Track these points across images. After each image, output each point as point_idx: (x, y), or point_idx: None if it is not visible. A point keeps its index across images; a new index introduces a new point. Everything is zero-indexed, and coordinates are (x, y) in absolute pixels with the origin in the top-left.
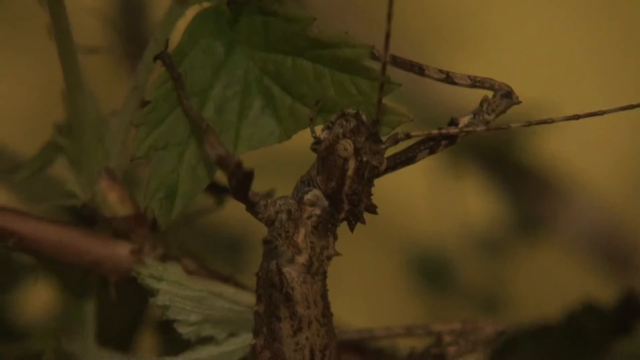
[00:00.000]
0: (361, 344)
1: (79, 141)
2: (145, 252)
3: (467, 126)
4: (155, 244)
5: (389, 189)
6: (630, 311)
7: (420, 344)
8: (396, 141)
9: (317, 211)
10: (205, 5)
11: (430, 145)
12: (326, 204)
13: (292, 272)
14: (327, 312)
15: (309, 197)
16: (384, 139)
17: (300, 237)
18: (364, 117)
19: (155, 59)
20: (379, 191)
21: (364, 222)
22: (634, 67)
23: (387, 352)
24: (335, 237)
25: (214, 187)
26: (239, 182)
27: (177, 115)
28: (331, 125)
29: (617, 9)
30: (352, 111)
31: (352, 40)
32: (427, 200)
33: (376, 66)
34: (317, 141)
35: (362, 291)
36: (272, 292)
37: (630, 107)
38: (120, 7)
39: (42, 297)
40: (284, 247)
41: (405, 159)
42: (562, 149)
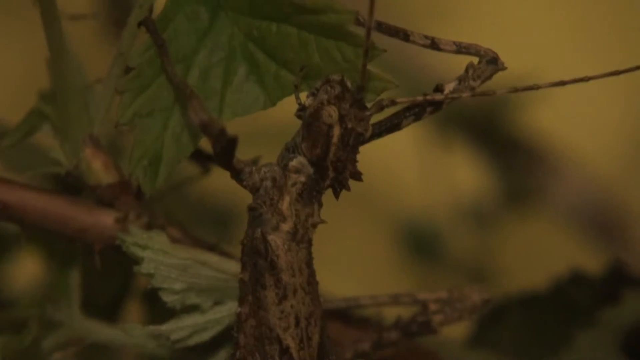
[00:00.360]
0: (347, 312)
1: (63, 108)
2: (130, 220)
3: (452, 92)
4: (140, 212)
5: (378, 161)
6: (618, 280)
7: (406, 313)
8: (381, 108)
9: (302, 178)
10: None
11: (415, 111)
12: (311, 171)
13: (277, 240)
14: (312, 280)
15: (293, 164)
16: (369, 105)
17: (285, 204)
18: (349, 84)
19: (139, 25)
20: (368, 163)
21: (348, 189)
22: (622, 38)
23: (373, 320)
24: (320, 205)
25: (199, 155)
26: (223, 149)
27: (162, 82)
28: (316, 91)
29: None
30: (336, 77)
31: (336, 6)
32: (417, 172)
33: (361, 32)
34: (302, 108)
35: (350, 263)
36: (257, 260)
37: (615, 73)
38: None
39: (28, 268)
40: (268, 214)
41: (390, 126)
42: (552, 121)
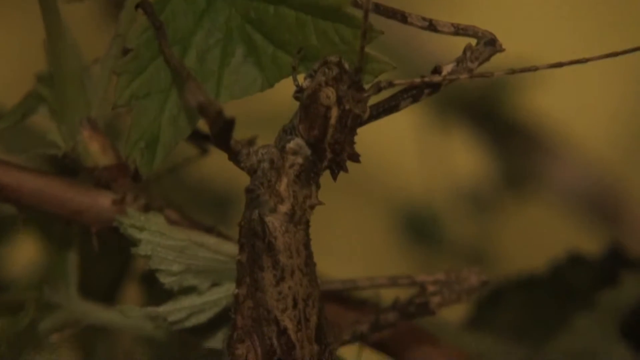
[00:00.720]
0: (345, 294)
1: (60, 90)
2: (127, 202)
3: (450, 74)
4: (137, 194)
5: (376, 145)
6: (616, 262)
7: (404, 295)
8: (379, 89)
9: (300, 160)
10: None
11: (413, 93)
12: (309, 152)
13: (274, 222)
14: (310, 262)
15: (291, 145)
16: (366, 87)
17: (282, 186)
18: (347, 65)
19: (136, 7)
20: (367, 148)
21: (346, 170)
22: (620, 21)
23: (371, 302)
24: (318, 186)
25: (197, 137)
26: (221, 130)
27: (159, 63)
28: (313, 73)
29: None
30: (334, 59)
31: None
32: (415, 156)
33: (359, 14)
34: (300, 89)
35: (349, 248)
36: (255, 242)
37: (613, 54)
38: None
39: (26, 251)
40: (266, 196)
41: (388, 108)
42: (550, 104)
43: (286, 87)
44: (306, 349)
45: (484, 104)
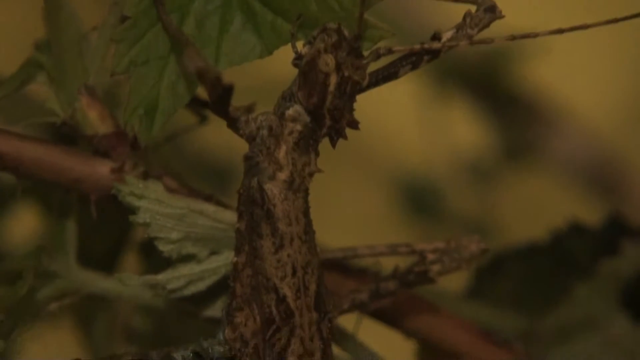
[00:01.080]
0: (344, 263)
1: (58, 58)
2: (126, 170)
3: (450, 41)
4: (136, 162)
5: (377, 116)
6: (617, 231)
7: (404, 264)
8: (378, 56)
9: (299, 127)
10: None
11: (412, 60)
12: (308, 119)
13: (273, 189)
14: (309, 230)
15: (290, 112)
16: (365, 54)
17: (281, 153)
18: (346, 32)
19: None
20: (368, 119)
21: (345, 137)
22: None
23: (371, 271)
24: (317, 154)
25: (196, 104)
26: (219, 97)
27: (157, 30)
28: (312, 40)
29: None
30: (333, 26)
31: None
32: (415, 127)
33: None
34: (298, 56)
35: (349, 220)
36: (254, 209)
37: (613, 20)
38: None
39: (25, 222)
40: (265, 163)
41: (387, 75)
42: (551, 75)
43: (285, 55)
44: (305, 317)
45: (484, 75)
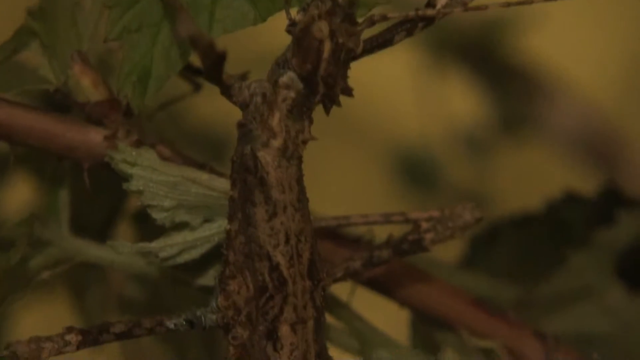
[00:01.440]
0: (338, 232)
1: (51, 25)
2: (119, 137)
3: (444, 7)
4: (129, 130)
5: (373, 88)
6: (612, 201)
7: (398, 233)
8: (372, 23)
9: (292, 94)
10: None
11: (407, 27)
12: (301, 86)
13: (266, 156)
14: (302, 197)
15: (284, 79)
16: (360, 20)
17: (275, 120)
18: None
19: None
20: (364, 91)
21: (339, 104)
22: None
23: (364, 240)
24: (310, 121)
25: (189, 71)
26: (213, 63)
27: None
28: (306, 7)
29: None
30: None
31: None
32: (412, 99)
33: None
34: (292, 23)
35: (345, 191)
36: (247, 177)
37: None
38: None
39: (18, 193)
40: (258, 130)
41: (382, 41)
42: (547, 47)
43: (279, 22)
44: (298, 285)
45: (481, 46)
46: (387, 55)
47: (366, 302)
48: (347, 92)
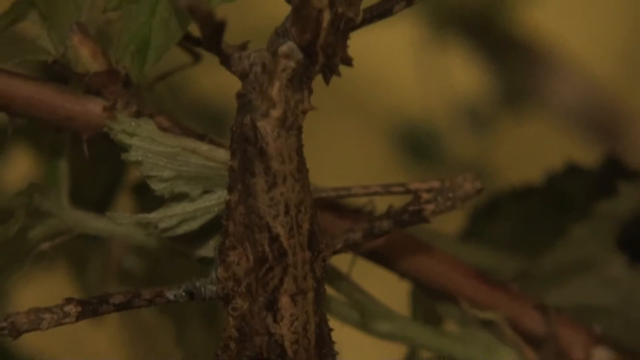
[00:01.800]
0: (339, 203)
1: None
2: (118, 108)
3: None
4: (128, 100)
5: (374, 61)
6: (613, 172)
7: (398, 204)
8: None
9: (292, 64)
10: None
11: None
12: (301, 56)
13: (266, 127)
14: (302, 168)
15: (283, 49)
16: None
17: (274, 90)
18: None
19: None
20: (365, 64)
21: (339, 74)
22: None
23: (365, 211)
24: (310, 91)
25: (189, 41)
26: (212, 33)
27: None
28: None
29: None
30: None
31: None
32: (413, 72)
33: None
34: None
35: (346, 165)
36: (247, 147)
37: None
38: None
39: (18, 165)
40: (258, 100)
41: (382, 11)
42: (549, 19)
43: None
44: (298, 256)
45: (482, 19)
46: (388, 28)
47: (366, 274)
48: (347, 61)
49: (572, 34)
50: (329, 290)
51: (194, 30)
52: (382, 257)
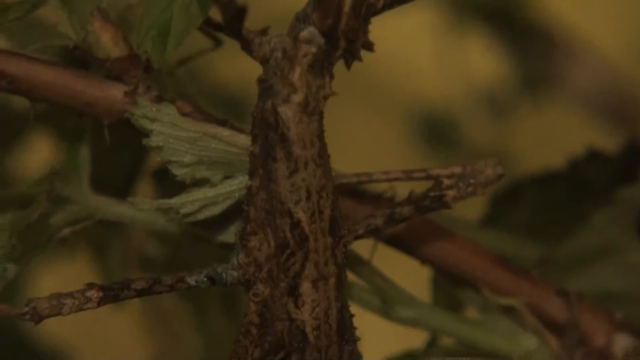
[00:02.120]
0: (360, 189)
1: None
2: (139, 93)
3: None
4: (149, 85)
5: (394, 48)
6: (634, 159)
7: (419, 189)
8: None
9: (313, 49)
10: None
11: None
12: (322, 41)
13: (287, 112)
14: (323, 153)
15: (304, 34)
16: None
17: (296, 75)
18: None
19: None
20: (384, 50)
21: (360, 59)
22: None
23: (386, 197)
24: (331, 77)
25: (209, 26)
26: (233, 18)
27: None
28: None
29: None
30: None
31: None
32: (432, 58)
33: None
34: None
35: (365, 152)
36: (268, 133)
37: None
38: None
39: (39, 152)
40: (279, 86)
41: None
42: (568, 6)
43: None
44: (320, 242)
45: (501, 6)
46: (408, 14)
47: (387, 260)
48: (368, 46)
49: (591, 21)
50: (350, 276)
51: (215, 15)
52: (403, 243)
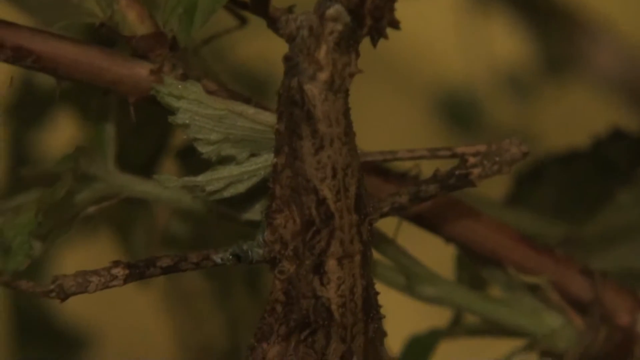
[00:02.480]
0: (385, 167)
1: None
2: (164, 71)
3: None
4: (175, 63)
5: (417, 29)
6: None
7: (444, 167)
8: None
9: (339, 27)
10: None
11: None
12: (348, 19)
13: (313, 90)
14: (349, 131)
15: (331, 12)
16: None
17: (322, 53)
18: None
19: None
20: (408, 32)
21: (387, 37)
22: None
23: (411, 175)
24: (357, 55)
25: (235, 4)
26: None
27: None
28: None
29: None
30: None
31: None
32: (456, 40)
33: None
34: None
35: (390, 134)
36: (294, 110)
37: None
38: None
39: (64, 130)
40: (305, 63)
41: None
42: None
43: None
44: (345, 219)
45: None
46: None
47: (412, 238)
48: (394, 24)
49: (613, 1)
50: (375, 254)
51: None
52: (427, 221)
